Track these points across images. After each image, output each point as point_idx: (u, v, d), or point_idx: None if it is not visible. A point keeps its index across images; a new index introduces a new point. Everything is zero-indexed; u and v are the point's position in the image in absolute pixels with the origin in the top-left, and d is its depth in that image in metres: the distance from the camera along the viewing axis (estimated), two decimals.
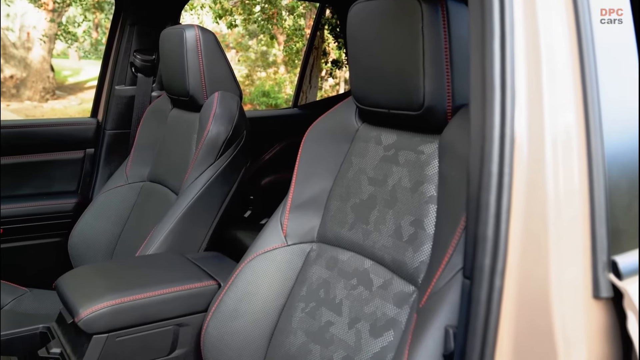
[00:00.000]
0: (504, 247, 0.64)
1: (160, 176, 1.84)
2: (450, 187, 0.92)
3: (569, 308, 0.63)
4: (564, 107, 0.66)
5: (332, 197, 1.18)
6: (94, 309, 1.15)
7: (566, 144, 0.66)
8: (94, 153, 2.19)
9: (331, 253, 1.12)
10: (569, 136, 0.66)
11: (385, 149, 1.10)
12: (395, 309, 0.96)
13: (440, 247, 0.89)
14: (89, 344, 1.15)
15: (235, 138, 1.66)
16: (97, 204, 1.92)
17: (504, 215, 0.64)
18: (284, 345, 1.10)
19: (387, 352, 0.93)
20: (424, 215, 0.97)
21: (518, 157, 0.65)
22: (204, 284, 1.29)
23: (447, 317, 0.80)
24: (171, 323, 1.24)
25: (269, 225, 1.24)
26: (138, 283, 1.24)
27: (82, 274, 1.34)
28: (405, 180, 1.03)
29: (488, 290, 0.64)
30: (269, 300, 1.16)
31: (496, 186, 0.65)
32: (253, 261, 1.19)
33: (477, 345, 0.65)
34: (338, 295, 1.06)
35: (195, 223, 1.59)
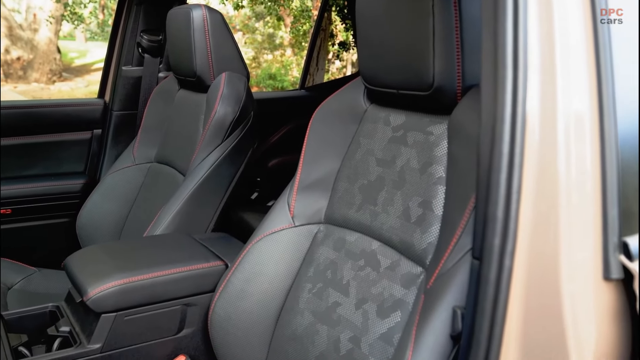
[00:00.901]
0: (514, 227, 0.64)
1: (167, 157, 1.84)
2: (459, 168, 0.92)
3: (579, 289, 0.62)
4: (578, 87, 0.65)
5: (340, 178, 1.17)
6: (102, 288, 1.15)
7: (579, 124, 0.65)
8: (102, 134, 2.20)
9: (338, 234, 1.12)
10: (581, 116, 0.65)
11: (393, 130, 1.09)
12: (402, 290, 0.96)
13: (448, 228, 0.88)
14: (97, 322, 1.16)
15: (242, 119, 1.65)
16: (104, 184, 1.93)
17: (515, 196, 0.64)
18: (291, 325, 1.10)
19: (394, 332, 0.93)
20: (432, 197, 0.97)
21: (529, 137, 0.64)
22: (212, 264, 1.29)
23: (455, 298, 0.79)
24: (179, 303, 1.24)
25: (276, 207, 1.24)
26: (146, 263, 1.25)
27: (91, 254, 1.35)
28: (414, 162, 1.02)
29: (497, 271, 0.64)
30: (276, 281, 1.17)
31: (507, 166, 0.64)
32: (260, 242, 1.20)
33: (485, 326, 0.64)
34: (345, 276, 1.06)
35: (202, 204, 1.60)
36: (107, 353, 1.16)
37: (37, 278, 1.77)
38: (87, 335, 1.17)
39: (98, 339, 1.15)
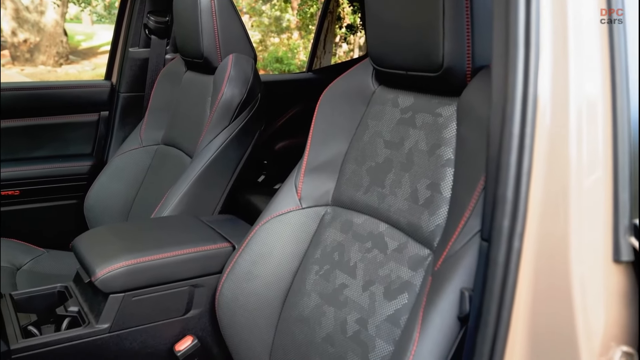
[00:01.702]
0: (524, 209, 0.63)
1: (174, 139, 1.84)
2: (468, 150, 0.91)
3: (589, 270, 0.62)
4: (590, 70, 0.64)
5: (348, 160, 1.17)
6: (110, 269, 1.16)
7: (591, 108, 0.64)
8: (109, 116, 2.20)
9: (346, 216, 1.12)
10: (594, 100, 0.64)
11: (402, 112, 1.08)
12: (409, 272, 0.96)
13: (457, 210, 0.88)
14: (105, 302, 1.17)
15: (249, 101, 1.64)
16: (112, 166, 1.94)
17: (525, 177, 0.63)
18: (298, 306, 1.11)
19: (401, 314, 0.93)
20: (440, 179, 0.96)
21: (540, 118, 0.63)
22: (219, 245, 1.29)
23: (463, 280, 0.79)
24: (186, 284, 1.25)
25: (283, 188, 1.23)
26: (153, 244, 1.25)
27: (98, 235, 1.35)
28: (422, 143, 1.01)
29: (506, 252, 0.63)
30: (283, 263, 1.17)
31: (517, 147, 0.63)
32: (267, 224, 1.20)
33: (493, 307, 0.64)
34: (352, 258, 1.06)
35: (209, 186, 1.60)
36: (116, 333, 1.17)
37: (45, 259, 1.78)
38: (96, 315, 1.18)
39: (106, 318, 1.16)
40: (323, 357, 1.02)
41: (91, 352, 1.15)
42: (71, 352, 1.13)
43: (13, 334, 1.11)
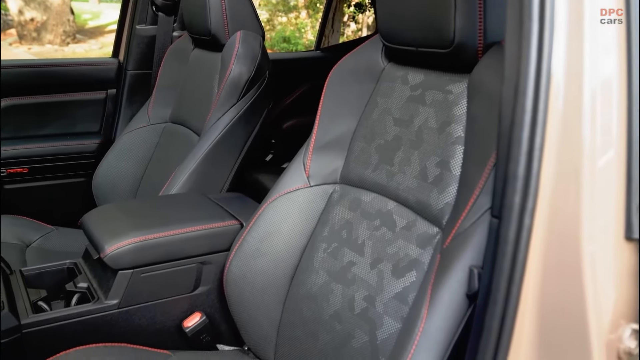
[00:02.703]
0: (535, 186, 0.62)
1: (182, 117, 1.84)
2: (478, 127, 0.90)
3: (600, 247, 0.61)
4: (606, 47, 0.63)
5: (356, 138, 1.16)
6: (119, 246, 1.16)
7: (606, 88, 0.63)
8: (116, 94, 2.19)
9: (354, 194, 1.12)
10: (609, 80, 0.63)
11: (411, 89, 1.07)
12: (418, 250, 0.96)
13: (466, 188, 0.87)
14: (114, 279, 1.17)
15: (257, 78, 1.63)
16: (119, 144, 1.94)
17: (537, 153, 0.62)
18: (306, 284, 1.11)
19: (409, 292, 0.93)
20: (450, 157, 0.95)
21: (554, 93, 0.62)
22: (227, 223, 1.30)
23: (472, 258, 0.79)
24: (194, 261, 1.25)
25: (291, 166, 1.23)
26: (162, 221, 1.26)
27: (107, 212, 1.36)
28: (432, 121, 1.00)
29: (517, 229, 0.63)
30: (291, 240, 1.17)
31: (530, 122, 0.62)
32: (275, 201, 1.19)
33: (503, 284, 0.64)
34: (360, 236, 1.06)
35: (217, 164, 1.60)
36: (125, 309, 1.18)
37: (54, 236, 1.80)
38: (105, 291, 1.19)
39: (115, 295, 1.17)
40: (331, 333, 1.02)
41: (100, 328, 1.16)
42: (81, 328, 1.14)
43: (23, 308, 1.12)
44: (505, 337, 0.63)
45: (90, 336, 1.15)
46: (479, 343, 0.66)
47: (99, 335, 1.16)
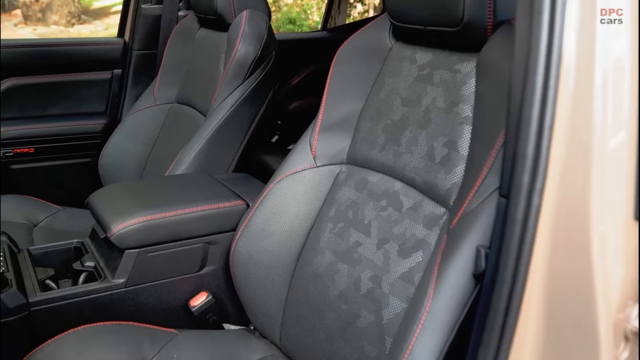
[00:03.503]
0: (544, 165, 0.62)
1: (187, 98, 1.83)
2: (487, 107, 0.89)
3: (609, 227, 0.61)
4: (619, 27, 0.62)
5: (363, 118, 1.15)
6: (125, 225, 1.17)
7: (618, 67, 0.62)
8: (122, 74, 2.18)
9: (361, 175, 1.11)
10: (621, 62, 0.62)
11: (419, 68, 1.06)
12: (424, 230, 0.95)
13: (474, 168, 0.87)
14: (121, 258, 1.18)
15: (263, 58, 1.62)
16: (125, 125, 1.93)
17: (547, 132, 0.61)
18: (312, 264, 1.11)
19: (415, 272, 0.93)
20: (458, 137, 0.94)
21: (565, 73, 0.61)
22: (233, 203, 1.30)
23: (479, 238, 0.79)
24: (200, 241, 1.26)
25: (297, 147, 1.22)
26: (168, 201, 1.26)
27: (114, 191, 1.36)
28: (440, 101, 0.99)
29: (525, 209, 0.62)
30: (297, 221, 1.17)
31: (540, 101, 0.62)
32: (282, 182, 1.19)
33: (510, 264, 0.64)
34: (367, 217, 1.06)
35: (223, 144, 1.59)
36: (131, 288, 1.19)
37: (61, 216, 1.80)
38: (112, 270, 1.19)
39: (122, 274, 1.18)
40: (336, 313, 1.03)
41: (107, 306, 1.17)
42: (88, 306, 1.15)
43: (31, 287, 1.13)
44: (512, 316, 0.62)
45: (97, 314, 1.15)
46: (486, 322, 0.65)
47: (106, 314, 1.16)
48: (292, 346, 1.14)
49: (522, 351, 0.63)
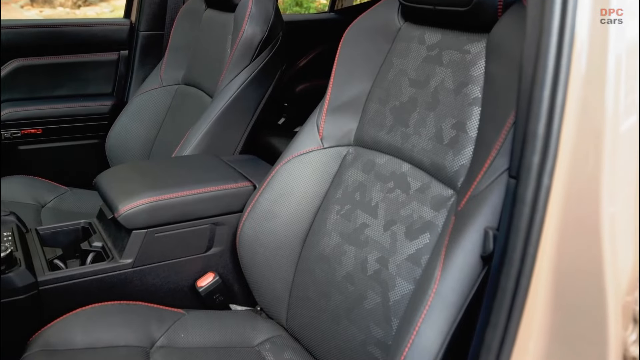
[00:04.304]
0: (555, 146, 0.61)
1: (194, 79, 1.82)
2: (497, 88, 0.88)
3: (620, 209, 0.60)
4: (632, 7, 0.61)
5: (371, 100, 1.14)
6: (132, 205, 1.17)
7: (631, 51, 0.61)
8: (128, 55, 2.17)
9: (368, 156, 1.11)
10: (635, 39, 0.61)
11: (428, 49, 1.04)
12: (432, 212, 0.95)
13: (483, 149, 0.86)
14: (128, 238, 1.18)
15: (271, 39, 1.61)
16: (132, 106, 1.93)
17: (558, 112, 0.61)
18: (319, 246, 1.11)
19: (422, 254, 0.93)
20: (466, 118, 0.94)
21: (577, 52, 0.60)
22: (240, 185, 1.30)
23: (487, 220, 0.78)
24: (207, 222, 1.26)
25: (305, 128, 1.22)
26: (175, 182, 1.26)
27: (121, 172, 1.36)
28: (449, 82, 0.98)
29: (535, 190, 0.62)
30: (304, 202, 1.17)
31: (551, 81, 0.61)
32: (288, 163, 1.19)
33: (519, 245, 0.63)
34: (374, 198, 1.05)
35: (230, 126, 1.59)
36: (139, 268, 1.19)
37: (69, 197, 1.81)
38: (119, 251, 1.20)
39: (130, 254, 1.18)
40: (343, 294, 1.03)
41: (115, 286, 1.18)
42: (96, 286, 1.16)
43: (40, 266, 1.14)
44: (520, 297, 0.62)
45: (105, 294, 1.16)
46: (494, 303, 0.65)
47: (114, 294, 1.17)
48: (298, 327, 1.14)
49: (529, 332, 0.63)
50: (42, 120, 2.01)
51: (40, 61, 2.03)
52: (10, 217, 1.29)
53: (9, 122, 1.96)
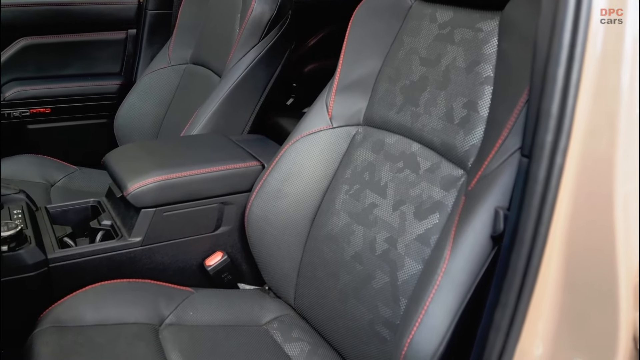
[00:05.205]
0: (569, 124, 0.60)
1: (202, 58, 1.81)
2: (509, 66, 0.87)
3: (634, 188, 0.59)
4: None
5: (381, 79, 1.13)
6: (141, 184, 1.17)
7: None
8: (136, 34, 2.16)
9: (377, 136, 1.10)
10: None
11: (440, 27, 1.03)
12: (442, 192, 0.94)
13: (494, 129, 0.85)
14: (137, 217, 1.19)
15: (279, 18, 1.59)
16: (140, 86, 1.93)
17: (572, 90, 0.60)
18: (327, 225, 1.11)
19: (432, 234, 0.93)
20: (478, 97, 0.92)
21: (594, 28, 0.59)
22: (248, 164, 1.29)
23: (497, 200, 0.77)
24: (216, 201, 1.26)
25: (314, 108, 1.21)
26: (184, 161, 1.26)
27: (130, 151, 1.36)
28: (460, 60, 0.97)
29: (547, 169, 0.61)
30: (313, 182, 1.16)
31: (566, 58, 0.60)
32: (297, 143, 1.18)
33: (530, 225, 0.63)
34: (383, 178, 1.05)
35: (238, 105, 1.58)
36: (148, 246, 1.20)
37: (78, 176, 1.82)
38: (128, 229, 1.20)
39: (138, 232, 1.19)
40: (351, 274, 1.03)
41: (124, 264, 1.18)
42: (105, 263, 1.16)
43: (50, 244, 1.15)
44: (530, 277, 0.62)
45: (114, 272, 1.17)
46: (504, 283, 0.65)
47: (123, 271, 1.18)
48: (306, 306, 1.15)
49: (539, 311, 0.63)
50: (51, 99, 2.01)
51: (48, 40, 2.03)
52: (20, 195, 1.30)
53: (18, 101, 1.96)
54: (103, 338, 0.99)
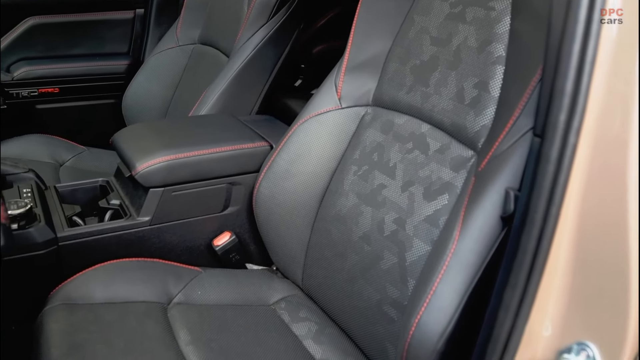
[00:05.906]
0: (583, 103, 0.59)
1: (211, 38, 1.80)
2: (522, 45, 0.85)
3: None
4: None
5: (391, 59, 1.12)
6: (150, 164, 1.17)
7: None
8: (144, 14, 2.15)
9: (387, 117, 1.09)
10: None
11: (451, 6, 1.01)
12: (451, 173, 0.94)
13: (505, 109, 0.84)
14: (146, 196, 1.19)
15: None
16: (148, 66, 1.92)
17: (587, 67, 0.58)
18: (335, 206, 1.11)
19: (441, 215, 0.92)
20: (489, 77, 0.91)
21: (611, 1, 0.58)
22: (256, 144, 1.29)
23: (508, 180, 0.77)
24: (224, 181, 1.26)
25: (322, 88, 1.20)
26: (192, 141, 1.26)
27: (138, 130, 1.36)
28: (472, 40, 0.96)
29: (560, 148, 0.60)
30: (321, 163, 1.16)
31: (582, 35, 0.58)
32: (306, 123, 1.18)
33: (541, 205, 0.62)
34: (392, 159, 1.04)
35: (247, 86, 1.57)
36: (156, 226, 1.20)
37: (86, 156, 1.82)
38: (137, 208, 1.21)
39: (147, 212, 1.19)
40: (359, 255, 1.03)
41: (133, 243, 1.19)
42: (114, 242, 1.17)
43: (59, 222, 1.15)
44: (541, 257, 0.61)
45: (123, 251, 1.18)
46: (513, 264, 0.64)
47: (131, 251, 1.19)
48: (313, 287, 1.15)
49: (549, 292, 0.62)
50: (59, 79, 2.01)
51: (56, 19, 2.02)
52: (29, 174, 1.30)
53: (26, 80, 1.96)
54: (112, 316, 1.00)
